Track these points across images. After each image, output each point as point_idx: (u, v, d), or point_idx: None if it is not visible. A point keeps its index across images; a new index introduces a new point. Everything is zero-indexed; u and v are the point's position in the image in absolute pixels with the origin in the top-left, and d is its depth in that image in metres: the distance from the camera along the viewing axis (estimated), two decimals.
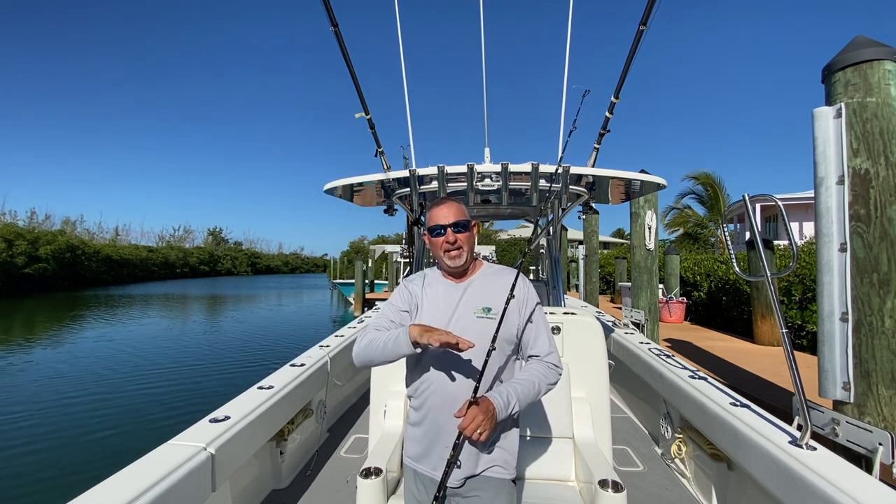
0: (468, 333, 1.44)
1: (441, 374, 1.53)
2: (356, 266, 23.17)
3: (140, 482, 1.61)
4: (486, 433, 1.34)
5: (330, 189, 3.72)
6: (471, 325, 1.53)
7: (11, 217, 48.69)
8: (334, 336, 4.32)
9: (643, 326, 6.31)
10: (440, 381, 1.53)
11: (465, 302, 1.58)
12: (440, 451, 1.50)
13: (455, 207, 1.62)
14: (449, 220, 1.59)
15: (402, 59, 3.86)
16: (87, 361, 11.17)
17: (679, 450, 3.16)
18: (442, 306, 1.59)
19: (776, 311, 2.17)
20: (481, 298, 1.58)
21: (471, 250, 1.62)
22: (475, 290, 1.61)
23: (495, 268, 1.69)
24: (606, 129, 3.49)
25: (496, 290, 1.58)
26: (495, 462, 1.53)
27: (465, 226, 1.59)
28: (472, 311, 1.56)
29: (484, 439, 1.36)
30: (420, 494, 1.56)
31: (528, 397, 1.47)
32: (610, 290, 21.16)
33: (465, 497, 1.51)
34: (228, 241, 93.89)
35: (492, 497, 1.50)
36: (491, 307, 1.55)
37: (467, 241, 1.60)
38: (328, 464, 3.33)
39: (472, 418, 1.33)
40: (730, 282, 10.81)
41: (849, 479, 1.69)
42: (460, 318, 1.55)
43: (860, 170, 2.71)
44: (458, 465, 1.47)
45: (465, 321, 1.54)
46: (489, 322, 1.51)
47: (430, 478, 1.52)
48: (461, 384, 1.50)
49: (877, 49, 2.72)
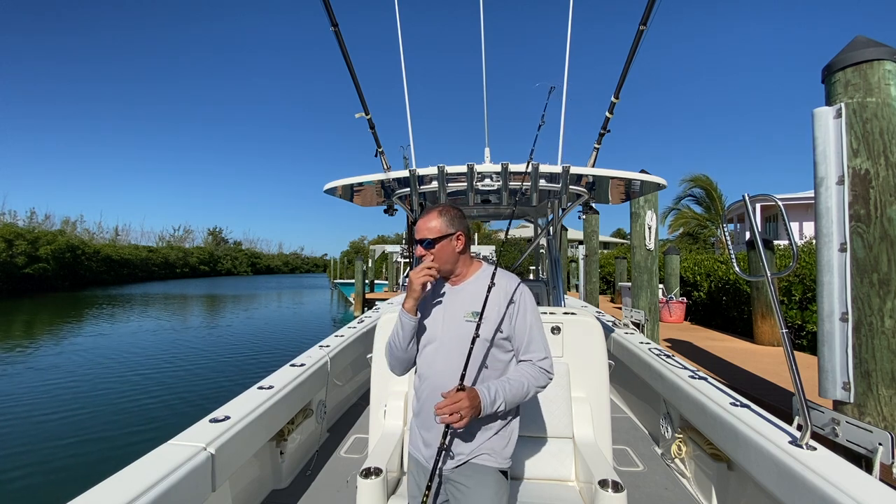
0: (456, 336, 1.57)
1: (431, 372, 1.62)
2: (356, 266, 23.18)
3: (140, 482, 1.61)
4: (463, 421, 1.39)
5: (330, 189, 3.72)
6: (459, 328, 1.60)
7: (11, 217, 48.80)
8: (334, 336, 4.32)
9: (643, 326, 6.31)
10: (431, 377, 1.62)
11: (457, 305, 1.64)
12: (430, 440, 1.60)
13: (428, 220, 1.64)
14: (418, 235, 1.65)
15: (402, 58, 3.86)
16: (87, 362, 11.17)
17: (679, 450, 3.16)
18: (436, 308, 1.68)
19: (776, 311, 2.17)
20: (471, 303, 1.62)
21: (445, 261, 1.64)
22: (467, 294, 1.66)
23: (489, 272, 1.70)
24: (606, 129, 3.49)
25: (484, 295, 1.60)
26: (483, 451, 1.57)
27: (429, 242, 1.62)
28: (462, 315, 1.61)
29: (459, 426, 1.40)
30: (420, 481, 1.64)
31: (515, 397, 1.53)
32: (610, 290, 21.16)
33: (455, 483, 1.57)
34: (228, 241, 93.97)
35: (477, 484, 1.54)
36: (478, 311, 1.59)
37: (437, 255, 1.62)
38: (328, 464, 3.33)
39: (452, 403, 1.39)
40: (730, 282, 10.81)
41: (849, 479, 1.69)
42: (450, 320, 1.63)
43: (860, 170, 2.71)
44: (451, 455, 1.55)
45: (455, 324, 1.61)
46: (474, 326, 1.56)
47: (424, 466, 1.61)
48: (448, 381, 1.55)
49: (877, 49, 2.72)
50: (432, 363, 1.63)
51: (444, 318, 1.64)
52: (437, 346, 1.63)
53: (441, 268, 1.64)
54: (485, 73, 3.91)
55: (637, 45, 2.62)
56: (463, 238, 1.66)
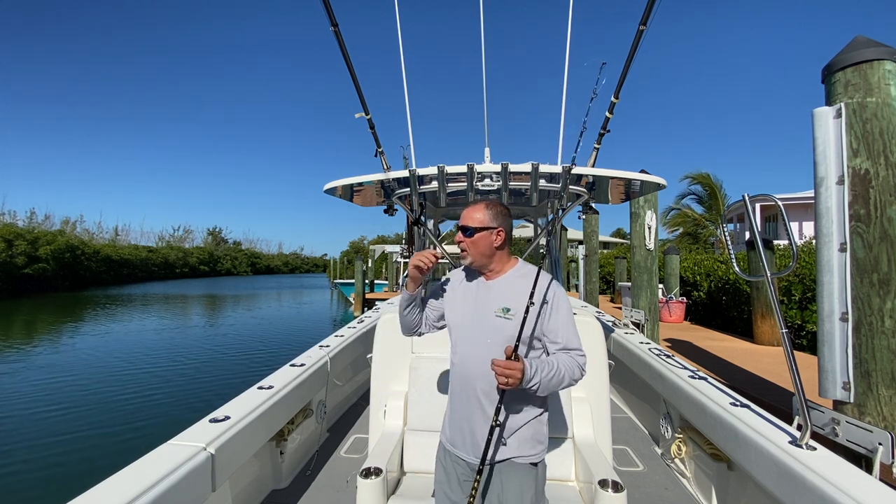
0: (486, 330, 1.61)
1: (460, 363, 1.68)
2: (356, 266, 23.16)
3: (140, 482, 1.61)
4: (512, 382, 1.41)
5: (330, 189, 3.72)
6: (489, 322, 1.63)
7: (11, 217, 48.75)
8: (334, 336, 4.32)
9: (643, 326, 6.31)
10: (460, 369, 1.69)
11: (488, 300, 1.67)
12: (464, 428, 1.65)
13: (472, 211, 1.70)
14: (461, 223, 1.71)
15: (402, 58, 3.85)
16: (86, 362, 11.17)
17: (679, 450, 3.16)
18: (469, 300, 1.72)
19: (776, 311, 2.17)
20: (502, 298, 1.64)
21: (481, 253, 1.68)
22: (499, 289, 1.68)
23: (524, 269, 1.73)
24: (606, 129, 3.49)
25: (519, 292, 1.62)
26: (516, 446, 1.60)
27: (470, 231, 1.67)
28: (493, 310, 1.63)
29: (507, 386, 1.42)
30: (447, 466, 1.70)
31: (551, 382, 1.51)
32: (610, 290, 21.16)
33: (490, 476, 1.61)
34: (228, 241, 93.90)
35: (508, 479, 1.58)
36: (510, 308, 1.61)
37: (472, 245, 1.68)
38: (328, 464, 3.33)
39: (507, 367, 1.41)
40: (730, 282, 10.81)
41: (849, 479, 1.69)
42: (481, 314, 1.66)
43: (860, 170, 2.71)
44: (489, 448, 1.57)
45: (485, 318, 1.64)
46: (506, 322, 1.59)
47: (455, 454, 1.67)
48: (476, 372, 1.60)
49: (877, 49, 2.71)
50: (462, 355, 1.68)
51: (474, 312, 1.67)
52: (466, 338, 1.68)
53: (475, 260, 1.69)
54: (485, 73, 3.91)
55: (637, 45, 2.61)
56: (503, 235, 1.69)
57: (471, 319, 1.67)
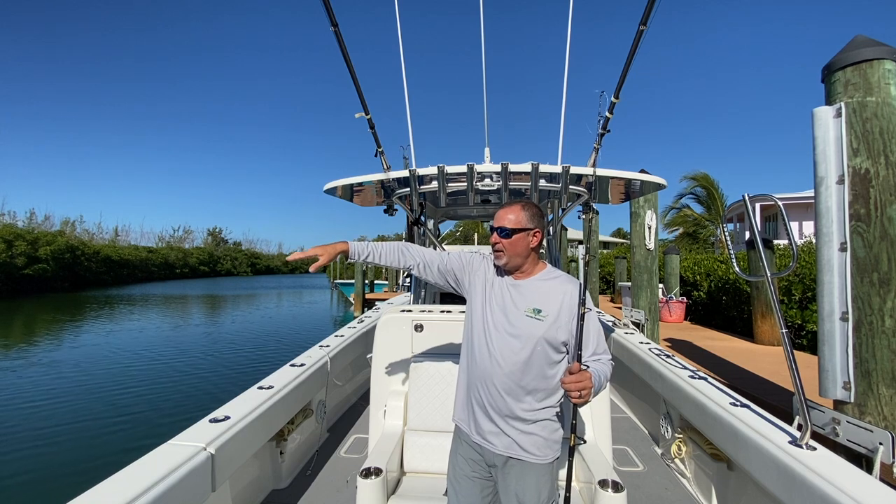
0: (514, 328, 1.62)
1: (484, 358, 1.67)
2: (356, 266, 23.15)
3: (140, 482, 1.61)
4: (585, 394, 1.41)
5: (330, 189, 3.72)
6: (519, 321, 1.63)
7: (11, 217, 48.60)
8: (334, 336, 4.32)
9: (643, 326, 6.30)
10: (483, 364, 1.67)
11: (520, 300, 1.67)
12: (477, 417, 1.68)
13: (508, 212, 1.70)
14: (497, 223, 1.71)
15: (403, 59, 3.85)
16: (86, 362, 11.16)
17: (679, 450, 3.16)
18: (498, 300, 1.71)
19: (776, 310, 2.17)
20: (534, 299, 1.66)
21: (518, 254, 1.69)
22: (530, 290, 1.69)
23: (555, 273, 1.75)
24: (606, 129, 3.49)
25: (550, 295, 1.65)
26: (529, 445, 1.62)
27: (507, 232, 1.67)
28: (523, 310, 1.64)
29: (580, 399, 1.42)
30: (464, 452, 1.74)
31: (598, 388, 1.53)
32: (610, 290, 21.16)
33: (503, 470, 1.65)
34: (228, 241, 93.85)
35: (520, 476, 1.61)
36: (541, 309, 1.62)
37: (510, 246, 1.68)
38: (328, 464, 3.33)
39: (579, 381, 1.41)
40: (730, 281, 10.81)
41: (849, 479, 1.69)
42: (511, 313, 1.66)
43: (860, 169, 2.71)
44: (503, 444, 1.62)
45: (515, 317, 1.65)
46: (536, 322, 1.61)
47: (471, 438, 1.70)
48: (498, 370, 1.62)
49: (877, 49, 2.72)
50: (483, 348, 1.67)
51: (504, 311, 1.67)
52: (490, 333, 1.67)
53: (510, 261, 1.69)
54: (485, 73, 3.92)
55: (637, 45, 2.61)
56: (539, 236, 1.71)
57: (501, 318, 1.67)
